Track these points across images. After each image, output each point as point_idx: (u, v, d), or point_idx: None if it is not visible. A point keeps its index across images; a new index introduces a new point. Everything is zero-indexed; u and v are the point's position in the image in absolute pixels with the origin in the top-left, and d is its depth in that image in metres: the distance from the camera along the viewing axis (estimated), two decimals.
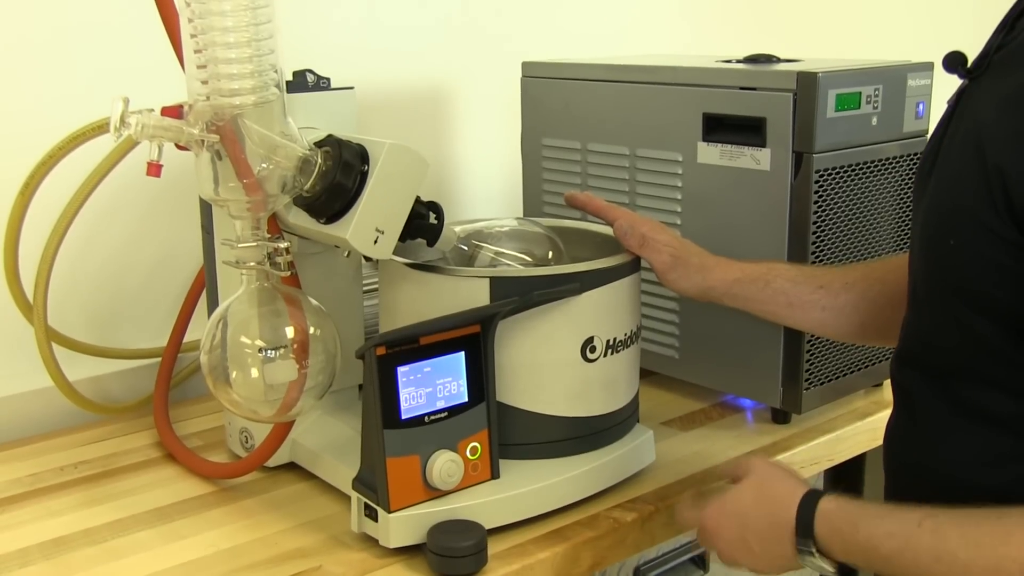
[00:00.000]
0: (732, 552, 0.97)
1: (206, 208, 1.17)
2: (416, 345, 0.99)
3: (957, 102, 0.90)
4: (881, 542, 0.85)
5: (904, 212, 1.30)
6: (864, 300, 1.11)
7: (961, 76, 0.90)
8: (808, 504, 0.91)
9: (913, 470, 0.94)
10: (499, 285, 1.03)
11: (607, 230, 1.20)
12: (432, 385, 1.00)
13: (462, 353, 1.02)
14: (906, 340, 0.96)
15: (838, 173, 1.22)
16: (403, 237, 1.02)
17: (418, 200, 1.03)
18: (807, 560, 0.91)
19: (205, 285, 1.23)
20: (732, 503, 0.97)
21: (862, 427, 1.29)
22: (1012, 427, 0.85)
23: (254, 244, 0.97)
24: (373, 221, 0.98)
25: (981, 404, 0.86)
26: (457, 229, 1.12)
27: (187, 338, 1.31)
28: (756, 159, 1.23)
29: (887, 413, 0.99)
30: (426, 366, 1.00)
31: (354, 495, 1.02)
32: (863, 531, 0.86)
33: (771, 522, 0.93)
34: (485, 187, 1.75)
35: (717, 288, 1.14)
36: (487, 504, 1.01)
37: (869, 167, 1.25)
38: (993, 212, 0.80)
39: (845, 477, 1.40)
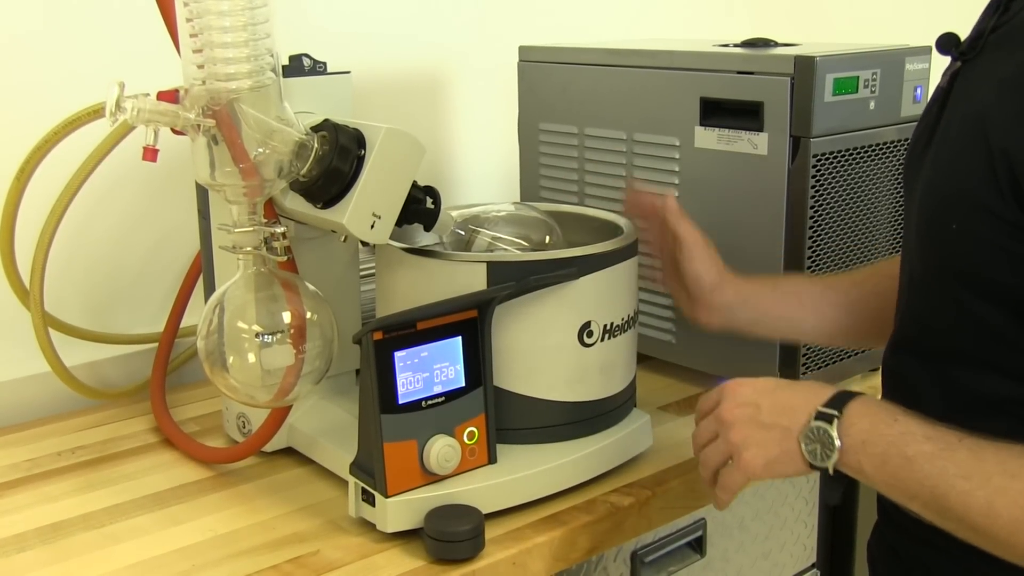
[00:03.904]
0: (736, 419, 0.91)
1: (202, 193, 1.17)
2: (413, 330, 0.99)
3: (950, 84, 0.90)
4: (914, 441, 0.82)
5: (902, 196, 1.30)
6: (875, 296, 1.10)
7: (954, 58, 0.90)
8: (850, 392, 0.88)
9: None
10: (496, 270, 1.03)
11: (604, 215, 1.20)
12: (429, 370, 1.00)
13: (459, 338, 1.02)
14: (902, 325, 0.96)
15: (836, 157, 1.22)
16: (400, 222, 1.02)
17: (415, 185, 1.03)
18: (816, 428, 0.86)
19: (202, 270, 1.23)
20: (768, 379, 0.94)
21: None
22: (1008, 410, 0.85)
23: (251, 229, 0.97)
24: (370, 206, 0.98)
25: (977, 388, 0.86)
26: (454, 214, 1.12)
27: (184, 323, 1.31)
28: (753, 143, 1.22)
29: None
30: (423, 351, 1.00)
31: (351, 480, 1.02)
32: (900, 424, 0.83)
33: (799, 392, 0.90)
34: (482, 172, 1.75)
35: (732, 299, 1.14)
36: (484, 489, 1.02)
37: (867, 151, 1.25)
38: (998, 195, 0.79)
39: None
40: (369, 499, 1.00)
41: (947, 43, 0.90)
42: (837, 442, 0.85)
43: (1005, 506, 0.77)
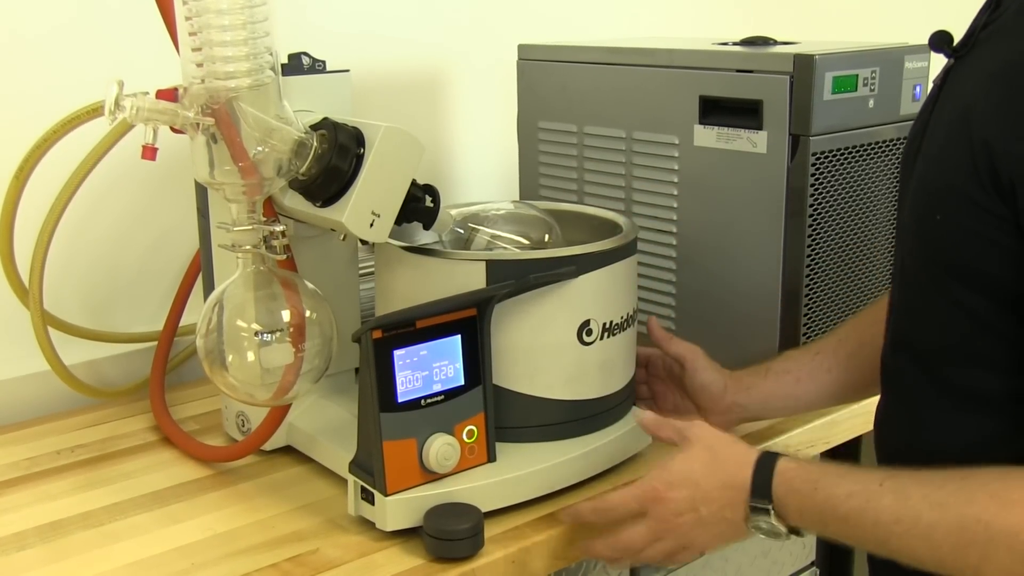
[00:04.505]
0: (679, 525, 0.93)
1: (202, 191, 1.17)
2: (412, 328, 0.99)
3: (943, 81, 0.90)
4: (841, 502, 0.84)
5: None
6: (862, 346, 1.10)
7: (947, 55, 0.90)
8: (765, 464, 0.90)
9: (903, 454, 0.94)
10: (495, 268, 1.03)
11: (603, 213, 1.20)
12: (428, 368, 1.00)
13: (458, 336, 1.02)
14: (896, 323, 0.96)
15: (835, 156, 1.22)
16: (399, 220, 1.02)
17: (414, 183, 1.03)
18: (760, 522, 0.89)
19: (201, 269, 1.23)
20: (682, 470, 0.94)
21: (858, 410, 1.29)
22: (1001, 408, 0.85)
23: (250, 227, 0.97)
24: (369, 204, 0.98)
25: (970, 385, 0.87)
26: (453, 212, 1.12)
27: (183, 322, 1.31)
28: (753, 142, 1.22)
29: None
30: (422, 349, 1.00)
31: (351, 478, 1.02)
32: (822, 491, 0.85)
33: (725, 484, 0.91)
34: (481, 170, 1.75)
35: (738, 396, 1.15)
36: (484, 487, 1.02)
37: (866, 150, 1.25)
38: (979, 186, 0.80)
39: (841, 460, 1.40)
40: (368, 497, 1.00)
41: (940, 41, 0.91)
42: (781, 527, 0.89)
43: (942, 537, 0.79)
